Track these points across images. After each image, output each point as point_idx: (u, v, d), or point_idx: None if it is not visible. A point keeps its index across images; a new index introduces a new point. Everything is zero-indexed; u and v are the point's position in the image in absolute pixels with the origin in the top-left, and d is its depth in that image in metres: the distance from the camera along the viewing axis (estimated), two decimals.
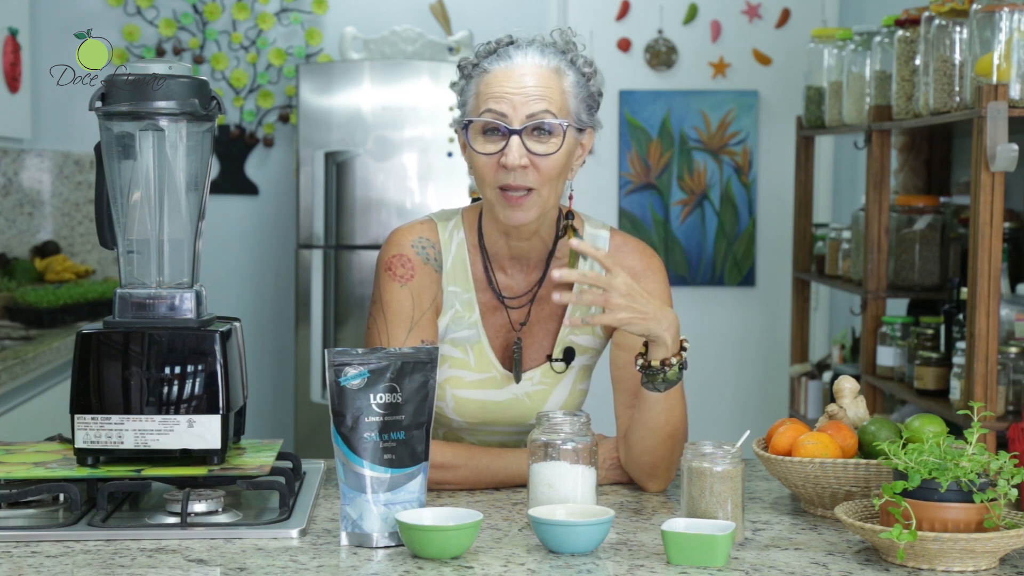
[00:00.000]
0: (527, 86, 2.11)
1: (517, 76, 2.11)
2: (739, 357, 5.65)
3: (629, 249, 2.27)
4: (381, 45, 5.18)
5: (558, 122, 2.11)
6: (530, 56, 2.13)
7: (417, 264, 2.22)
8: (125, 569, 1.71)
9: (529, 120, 2.10)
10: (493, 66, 2.13)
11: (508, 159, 2.09)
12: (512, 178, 2.10)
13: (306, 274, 4.94)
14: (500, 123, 2.10)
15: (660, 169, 5.57)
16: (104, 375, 1.95)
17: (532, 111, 2.10)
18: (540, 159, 2.10)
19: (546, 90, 2.11)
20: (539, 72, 2.12)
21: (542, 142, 2.11)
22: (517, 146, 2.09)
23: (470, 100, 2.16)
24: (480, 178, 2.15)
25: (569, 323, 2.15)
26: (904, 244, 3.83)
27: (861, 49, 3.99)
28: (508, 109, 2.10)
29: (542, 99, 2.10)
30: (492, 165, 2.12)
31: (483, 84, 2.13)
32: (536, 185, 2.12)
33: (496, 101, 2.11)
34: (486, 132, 2.12)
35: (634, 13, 5.55)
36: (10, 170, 5.12)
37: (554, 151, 2.11)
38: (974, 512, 1.72)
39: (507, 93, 2.10)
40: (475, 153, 2.13)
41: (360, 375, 1.83)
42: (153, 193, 2.03)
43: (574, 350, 2.26)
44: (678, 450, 2.12)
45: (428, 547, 1.75)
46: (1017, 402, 3.12)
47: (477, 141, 2.13)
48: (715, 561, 1.72)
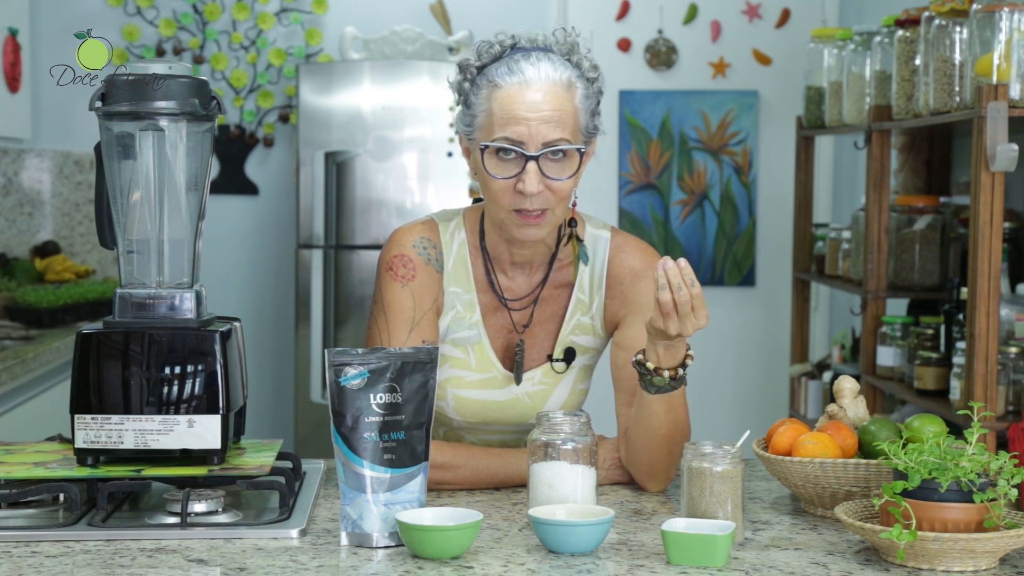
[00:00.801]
0: (543, 110, 2.07)
1: (532, 96, 2.08)
2: (739, 357, 5.65)
3: (630, 248, 2.27)
4: (381, 45, 5.18)
5: (574, 147, 2.10)
6: (542, 70, 2.09)
7: (418, 264, 2.22)
8: (125, 569, 1.71)
9: (546, 147, 2.08)
10: (504, 81, 2.10)
11: (526, 187, 2.07)
12: (529, 203, 2.09)
13: (306, 274, 4.94)
14: (516, 149, 2.09)
15: (660, 169, 5.58)
16: (104, 375, 1.95)
17: (549, 139, 2.08)
18: (555, 183, 2.09)
19: (560, 113, 2.08)
20: (553, 90, 2.09)
21: (558, 165, 2.10)
22: (534, 172, 2.07)
23: (480, 115, 2.12)
24: (493, 199, 2.13)
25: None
26: (904, 244, 3.83)
27: (861, 49, 3.99)
28: (524, 135, 2.07)
29: (558, 125, 2.08)
30: (507, 189, 2.10)
31: (495, 102, 2.10)
32: (551, 206, 2.11)
33: (512, 126, 2.08)
34: (500, 152, 2.10)
35: (634, 13, 5.55)
36: (10, 170, 5.12)
37: (570, 175, 2.10)
38: (974, 512, 1.72)
39: (523, 117, 2.07)
40: (490, 177, 2.11)
41: (360, 375, 1.83)
42: (153, 193, 2.03)
43: (575, 350, 2.26)
44: (676, 452, 2.12)
45: (428, 547, 1.75)
46: (1017, 402, 3.12)
47: (490, 163, 2.11)
48: (715, 561, 1.72)
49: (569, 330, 2.25)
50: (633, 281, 2.24)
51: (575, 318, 2.25)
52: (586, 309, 2.25)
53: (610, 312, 2.25)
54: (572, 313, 2.24)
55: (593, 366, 2.30)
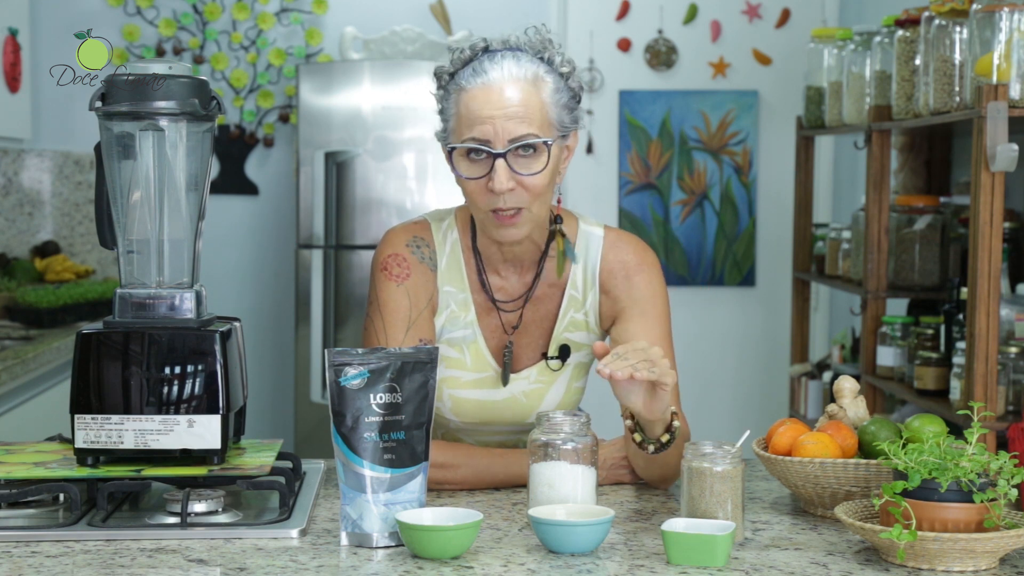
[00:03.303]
0: (507, 106, 2.07)
1: (495, 94, 2.08)
2: (739, 357, 5.65)
3: (623, 244, 2.27)
4: (381, 45, 5.18)
5: (542, 140, 2.09)
6: (505, 68, 2.09)
7: (413, 263, 2.22)
8: (125, 569, 1.71)
9: (512, 143, 2.07)
10: (469, 83, 2.10)
11: (495, 185, 2.07)
12: (502, 201, 2.09)
13: (306, 274, 4.94)
14: (484, 148, 2.08)
15: (660, 169, 5.57)
16: (104, 375, 1.95)
17: (515, 135, 2.07)
18: (527, 179, 2.09)
19: (526, 109, 2.08)
20: (517, 86, 2.08)
21: (528, 160, 2.09)
22: (503, 170, 2.07)
23: (451, 120, 2.13)
24: (470, 201, 2.14)
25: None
26: (904, 244, 3.83)
27: (861, 49, 3.99)
28: (490, 133, 2.07)
29: (523, 120, 2.07)
30: (480, 189, 2.10)
31: (462, 105, 2.10)
32: (526, 204, 2.11)
33: (478, 126, 2.08)
34: (470, 153, 2.10)
35: (634, 13, 5.55)
36: (10, 170, 5.12)
37: (540, 169, 2.09)
38: (974, 512, 1.72)
39: (487, 116, 2.07)
40: (463, 179, 2.11)
41: (360, 375, 1.83)
42: (153, 193, 2.03)
43: (570, 347, 2.26)
44: (672, 470, 2.12)
45: (428, 547, 1.75)
46: (1017, 402, 3.12)
47: (462, 165, 2.11)
48: (715, 561, 1.72)
49: (563, 327, 2.25)
50: (627, 276, 2.24)
51: (568, 315, 2.25)
52: (579, 306, 2.25)
53: (605, 308, 2.25)
54: (565, 310, 2.25)
55: (589, 364, 2.30)
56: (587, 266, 2.25)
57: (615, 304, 2.24)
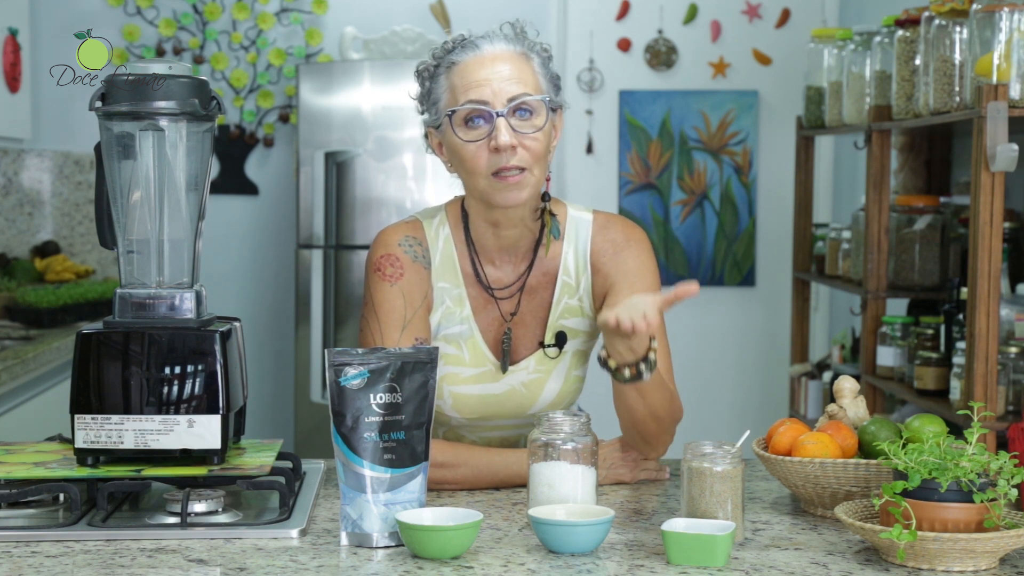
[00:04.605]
0: (503, 71, 2.15)
1: (489, 62, 2.15)
2: (739, 357, 5.65)
3: (612, 224, 2.30)
4: (381, 45, 5.18)
5: (539, 98, 2.15)
6: (496, 42, 2.18)
7: (406, 263, 2.23)
8: (125, 569, 1.71)
9: (511, 102, 2.13)
10: (462, 57, 2.17)
11: (499, 140, 2.11)
12: (504, 159, 2.13)
13: (306, 274, 4.93)
14: (484, 108, 2.13)
15: (660, 169, 5.57)
16: (104, 375, 1.95)
17: (512, 93, 2.13)
18: (527, 138, 2.13)
19: (519, 72, 2.15)
20: (510, 56, 2.17)
21: (527, 121, 2.14)
22: (505, 127, 2.12)
23: (443, 96, 2.19)
24: (471, 169, 2.16)
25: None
26: (904, 244, 3.83)
27: (861, 49, 3.99)
28: (489, 95, 2.13)
29: (518, 81, 2.14)
30: (482, 151, 2.14)
31: (456, 76, 2.17)
32: (527, 165, 2.14)
33: (475, 88, 2.14)
34: (468, 121, 2.15)
35: (634, 13, 5.55)
36: (10, 170, 5.12)
37: (540, 127, 2.15)
38: (974, 512, 1.72)
39: (484, 79, 2.14)
40: (462, 143, 2.15)
41: (360, 375, 1.83)
42: (153, 193, 2.03)
43: (566, 334, 2.26)
44: (667, 422, 2.16)
45: (428, 547, 1.75)
46: (1017, 402, 3.12)
47: (461, 130, 2.15)
48: (715, 561, 1.72)
49: (558, 314, 2.26)
50: (615, 252, 2.26)
51: (563, 302, 2.26)
52: (573, 291, 2.26)
53: (597, 287, 2.27)
54: (559, 297, 2.26)
55: (587, 352, 2.30)
56: (578, 250, 2.27)
57: (605, 281, 2.26)
